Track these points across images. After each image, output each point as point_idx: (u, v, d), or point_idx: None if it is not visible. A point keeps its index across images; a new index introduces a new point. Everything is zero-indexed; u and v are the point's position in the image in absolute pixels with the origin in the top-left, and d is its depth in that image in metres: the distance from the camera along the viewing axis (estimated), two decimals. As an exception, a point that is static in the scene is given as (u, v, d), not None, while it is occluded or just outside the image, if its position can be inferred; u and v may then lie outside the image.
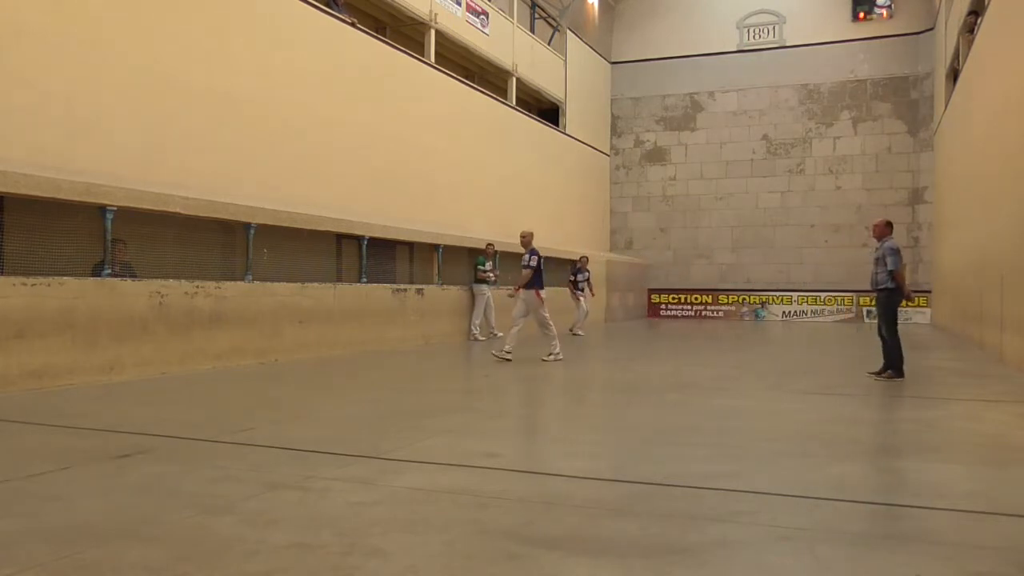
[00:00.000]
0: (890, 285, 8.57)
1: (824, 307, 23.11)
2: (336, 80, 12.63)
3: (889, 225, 8.90)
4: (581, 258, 17.23)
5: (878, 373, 8.73)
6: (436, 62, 15.59)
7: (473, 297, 14.61)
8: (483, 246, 15.06)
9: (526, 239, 10.73)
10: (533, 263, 10.41)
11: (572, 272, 17.12)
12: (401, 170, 14.13)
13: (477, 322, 14.54)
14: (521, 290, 10.48)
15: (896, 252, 8.58)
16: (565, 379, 9.23)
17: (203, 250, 9.46)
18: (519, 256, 10.83)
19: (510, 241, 15.23)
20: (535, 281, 10.41)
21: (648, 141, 25.25)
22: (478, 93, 17.29)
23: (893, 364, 8.62)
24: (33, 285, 7.06)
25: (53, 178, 7.28)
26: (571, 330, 16.30)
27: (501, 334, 14.53)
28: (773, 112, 23.87)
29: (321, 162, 12.18)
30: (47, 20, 8.19)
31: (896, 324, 8.70)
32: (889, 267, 8.53)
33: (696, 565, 2.84)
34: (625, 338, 16.58)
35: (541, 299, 10.47)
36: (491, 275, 14.52)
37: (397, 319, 12.56)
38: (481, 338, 14.36)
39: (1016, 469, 4.50)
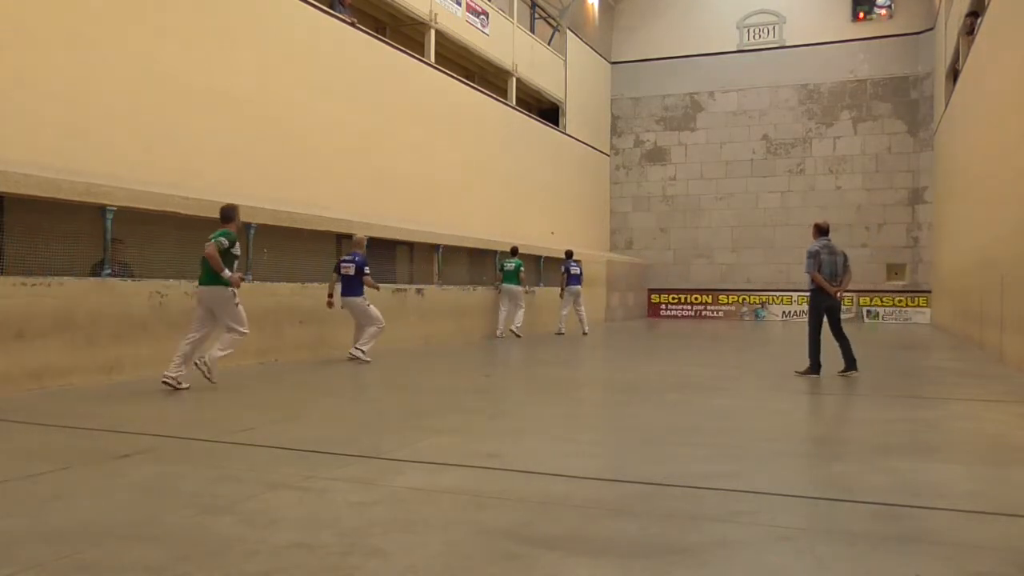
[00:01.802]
0: (811, 287, 8.76)
1: (824, 307, 23.09)
2: (336, 80, 12.63)
3: (818, 228, 8.95)
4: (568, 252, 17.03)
5: (843, 371, 8.75)
6: (436, 62, 15.59)
7: (511, 299, 14.69)
8: (483, 247, 15.05)
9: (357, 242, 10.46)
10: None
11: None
12: (401, 170, 14.12)
13: (518, 325, 14.80)
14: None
15: (812, 256, 8.70)
16: (565, 379, 9.23)
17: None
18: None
19: (510, 241, 15.28)
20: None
21: (648, 141, 25.24)
22: (478, 93, 17.28)
23: (814, 361, 8.72)
24: (33, 285, 7.05)
25: (53, 178, 7.27)
26: (583, 331, 16.25)
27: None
28: (773, 112, 23.86)
29: (321, 162, 12.18)
30: (47, 20, 8.20)
31: (820, 325, 8.75)
32: (805, 270, 8.78)
33: (696, 565, 2.84)
34: (625, 338, 16.57)
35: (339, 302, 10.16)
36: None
37: (397, 319, 12.53)
38: (520, 335, 14.81)
39: (1016, 469, 4.50)
